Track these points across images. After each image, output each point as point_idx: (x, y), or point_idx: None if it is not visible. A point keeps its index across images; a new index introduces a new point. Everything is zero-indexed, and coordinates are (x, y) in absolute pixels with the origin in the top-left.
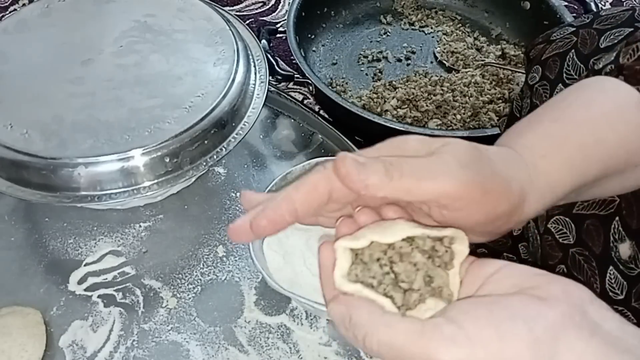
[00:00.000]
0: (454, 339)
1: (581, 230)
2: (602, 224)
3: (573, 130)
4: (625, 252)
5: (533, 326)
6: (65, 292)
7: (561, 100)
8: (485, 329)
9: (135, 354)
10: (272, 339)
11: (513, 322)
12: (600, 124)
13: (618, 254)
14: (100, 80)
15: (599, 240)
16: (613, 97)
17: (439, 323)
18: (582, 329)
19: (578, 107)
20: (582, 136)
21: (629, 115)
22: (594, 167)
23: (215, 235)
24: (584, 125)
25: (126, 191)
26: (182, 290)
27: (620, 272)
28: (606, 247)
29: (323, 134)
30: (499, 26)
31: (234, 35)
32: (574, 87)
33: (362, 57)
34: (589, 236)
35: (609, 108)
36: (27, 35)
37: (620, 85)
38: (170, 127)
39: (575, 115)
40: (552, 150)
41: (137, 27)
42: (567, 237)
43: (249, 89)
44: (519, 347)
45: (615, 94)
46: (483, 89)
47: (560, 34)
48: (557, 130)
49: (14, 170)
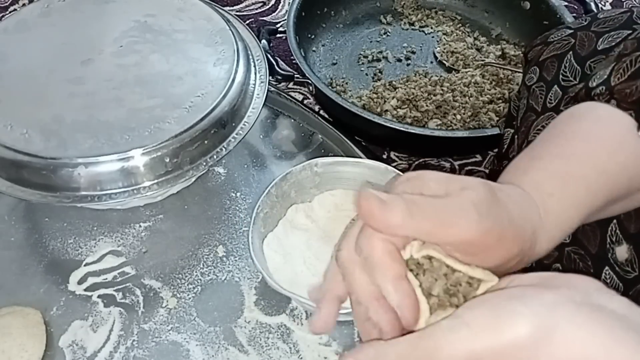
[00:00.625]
0: (452, 328)
1: (578, 230)
2: (599, 226)
3: (576, 165)
4: (622, 254)
5: (530, 303)
6: (65, 292)
7: (559, 133)
8: (481, 312)
9: (135, 354)
10: (272, 339)
11: (509, 302)
12: (600, 156)
13: (615, 255)
14: (100, 80)
15: (595, 241)
16: (609, 127)
17: (437, 322)
18: (583, 305)
19: (577, 141)
20: (585, 171)
21: (627, 143)
22: (599, 199)
23: (215, 235)
24: (585, 159)
25: (126, 191)
26: (182, 290)
27: (616, 273)
28: (602, 248)
29: (323, 134)
30: (499, 26)
31: (234, 35)
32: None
33: (362, 57)
34: (585, 236)
35: (607, 139)
36: (27, 35)
37: (613, 113)
38: (170, 127)
39: (575, 150)
40: (558, 188)
41: (137, 27)
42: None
43: (249, 89)
44: (516, 321)
45: (611, 122)
46: (483, 89)
47: (558, 36)
48: (561, 167)
49: (14, 170)
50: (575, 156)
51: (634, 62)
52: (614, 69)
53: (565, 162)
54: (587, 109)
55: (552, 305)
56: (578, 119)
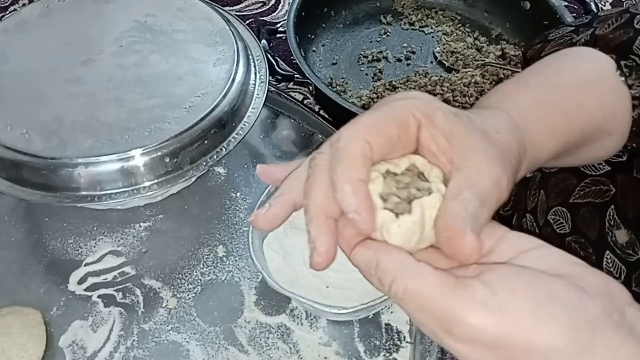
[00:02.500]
0: (485, 304)
1: (577, 218)
2: (597, 212)
3: (559, 97)
4: (622, 238)
5: (572, 314)
6: (65, 292)
7: (546, 66)
8: (522, 301)
9: (135, 354)
10: (272, 339)
11: (552, 303)
12: (582, 89)
13: (614, 238)
14: (100, 80)
15: (594, 227)
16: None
17: (472, 284)
18: (620, 327)
19: (562, 74)
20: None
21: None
22: (575, 133)
23: (215, 235)
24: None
25: (126, 191)
26: (182, 290)
27: (617, 256)
28: (602, 233)
29: (323, 134)
30: (499, 26)
31: (234, 35)
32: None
33: (362, 57)
34: (584, 223)
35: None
36: (27, 35)
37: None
38: (170, 127)
39: (560, 82)
40: (541, 117)
41: (137, 27)
42: (564, 227)
43: (249, 89)
44: (555, 330)
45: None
46: (483, 89)
47: (559, 33)
48: (545, 97)
49: (14, 170)
50: (560, 88)
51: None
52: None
53: (549, 92)
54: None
55: (593, 322)
56: (565, 55)
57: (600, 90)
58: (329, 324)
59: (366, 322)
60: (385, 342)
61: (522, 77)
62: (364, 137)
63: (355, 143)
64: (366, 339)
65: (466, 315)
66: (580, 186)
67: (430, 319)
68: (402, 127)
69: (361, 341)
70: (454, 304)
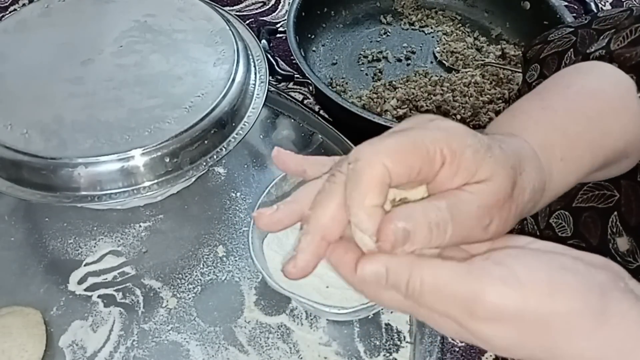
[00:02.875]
0: (505, 280)
1: (579, 222)
2: (600, 217)
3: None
4: (623, 245)
5: (583, 280)
6: (65, 292)
7: (567, 85)
8: (536, 272)
9: (135, 354)
10: (272, 339)
11: (565, 272)
12: (607, 116)
13: (616, 246)
14: (100, 80)
15: (596, 233)
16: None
17: (486, 265)
18: (627, 292)
19: (587, 98)
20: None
21: (630, 104)
22: (598, 161)
23: (215, 235)
24: (593, 119)
25: (126, 191)
26: (182, 290)
27: (617, 263)
28: (603, 240)
29: (323, 134)
30: (499, 26)
31: (234, 35)
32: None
33: (362, 57)
34: (586, 228)
35: (614, 98)
36: (27, 35)
37: (617, 72)
38: (170, 127)
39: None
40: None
41: (137, 27)
42: (565, 230)
43: (249, 89)
44: (571, 294)
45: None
46: (483, 89)
47: (559, 34)
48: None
49: (14, 170)
50: (585, 116)
51: (634, 31)
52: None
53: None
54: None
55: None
56: (585, 74)
57: (624, 116)
58: (329, 324)
59: (366, 322)
60: (385, 342)
61: (545, 97)
62: (383, 161)
63: (374, 167)
64: (366, 339)
65: (488, 293)
66: (583, 190)
67: (451, 306)
68: (426, 162)
69: (361, 341)
70: (473, 285)
